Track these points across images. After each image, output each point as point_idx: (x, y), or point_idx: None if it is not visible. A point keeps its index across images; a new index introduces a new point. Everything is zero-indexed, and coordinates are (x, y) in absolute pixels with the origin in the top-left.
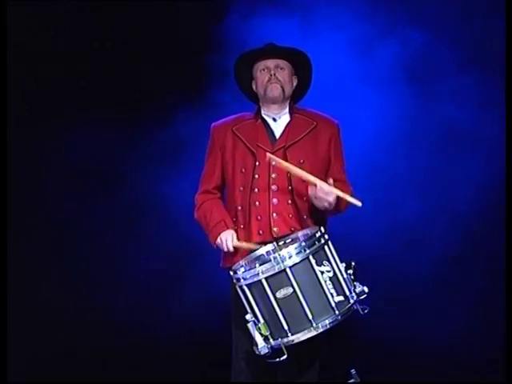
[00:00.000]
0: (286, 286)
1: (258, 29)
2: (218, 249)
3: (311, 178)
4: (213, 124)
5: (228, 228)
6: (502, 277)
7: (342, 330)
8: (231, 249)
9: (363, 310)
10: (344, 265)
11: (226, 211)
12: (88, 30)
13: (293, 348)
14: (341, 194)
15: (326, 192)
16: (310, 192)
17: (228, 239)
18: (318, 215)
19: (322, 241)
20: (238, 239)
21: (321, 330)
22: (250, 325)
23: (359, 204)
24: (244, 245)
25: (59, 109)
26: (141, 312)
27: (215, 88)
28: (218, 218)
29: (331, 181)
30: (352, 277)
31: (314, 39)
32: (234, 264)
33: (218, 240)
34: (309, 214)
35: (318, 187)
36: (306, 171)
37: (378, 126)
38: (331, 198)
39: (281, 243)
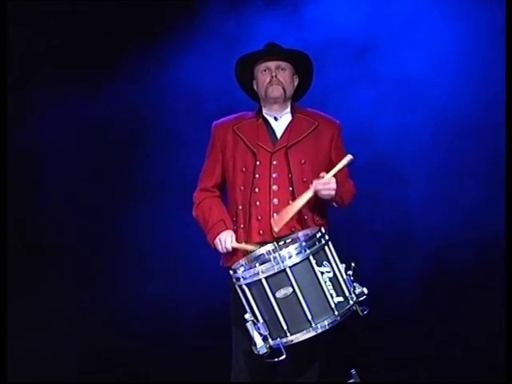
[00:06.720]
0: (286, 286)
1: None
2: (215, 248)
3: (308, 195)
4: (214, 122)
5: (227, 228)
6: (502, 273)
7: (341, 330)
8: (229, 249)
9: (363, 311)
10: (344, 266)
11: (225, 211)
12: None
13: (292, 348)
14: (335, 169)
15: (327, 181)
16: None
17: (227, 240)
18: (318, 216)
19: (323, 241)
20: (238, 239)
21: (320, 330)
22: (248, 324)
23: (351, 157)
24: (242, 246)
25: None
26: (140, 313)
27: None
28: (218, 218)
29: (323, 173)
30: (352, 278)
31: None
32: (234, 263)
33: (217, 240)
34: (309, 214)
35: (315, 182)
36: (308, 171)
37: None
38: (333, 185)
39: (281, 243)
